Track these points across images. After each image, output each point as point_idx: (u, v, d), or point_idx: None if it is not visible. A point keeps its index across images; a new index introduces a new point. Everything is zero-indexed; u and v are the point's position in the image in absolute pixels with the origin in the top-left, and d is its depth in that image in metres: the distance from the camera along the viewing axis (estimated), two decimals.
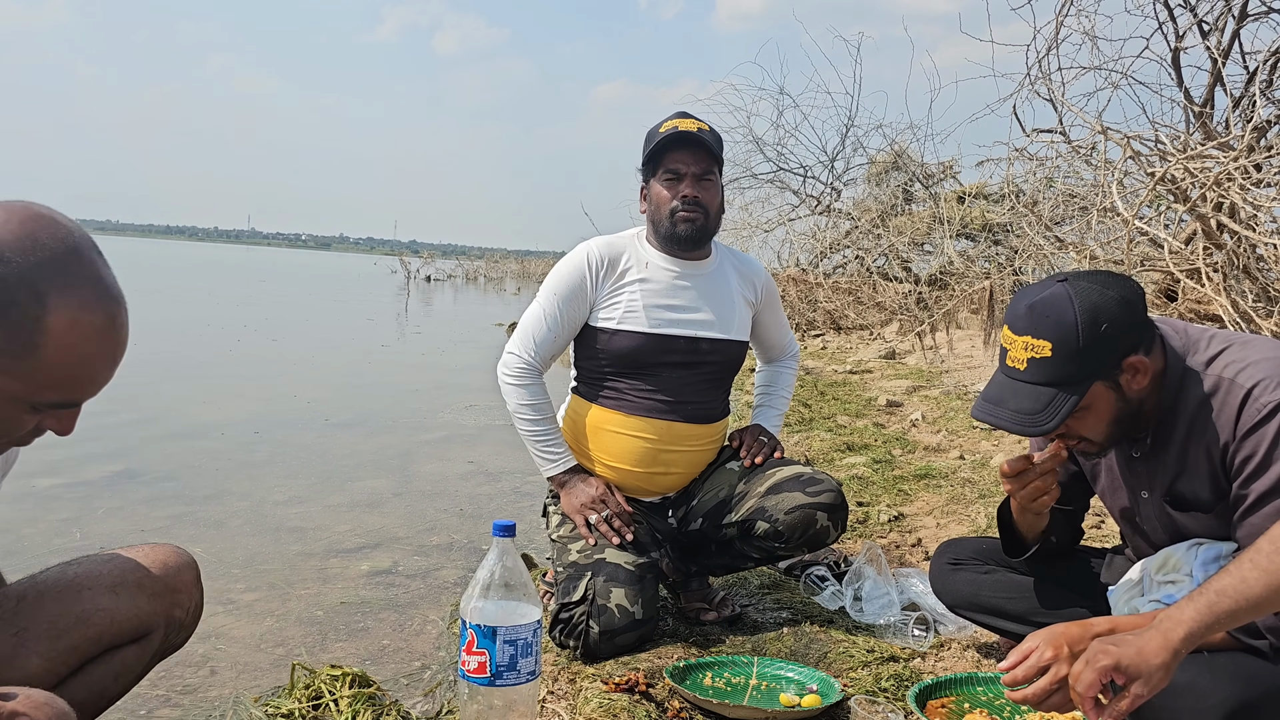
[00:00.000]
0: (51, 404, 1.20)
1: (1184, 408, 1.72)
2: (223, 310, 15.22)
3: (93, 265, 1.19)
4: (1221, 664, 1.59)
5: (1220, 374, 1.69)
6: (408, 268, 36.39)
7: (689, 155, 2.43)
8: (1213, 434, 1.69)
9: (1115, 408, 1.70)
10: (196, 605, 1.63)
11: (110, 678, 1.49)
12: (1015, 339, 1.68)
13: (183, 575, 1.59)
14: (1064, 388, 1.64)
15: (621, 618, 2.22)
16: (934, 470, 4.28)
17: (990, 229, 11.94)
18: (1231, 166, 5.12)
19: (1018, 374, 1.68)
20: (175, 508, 3.85)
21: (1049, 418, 1.64)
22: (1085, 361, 1.64)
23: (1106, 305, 1.64)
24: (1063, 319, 1.64)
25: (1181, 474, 1.76)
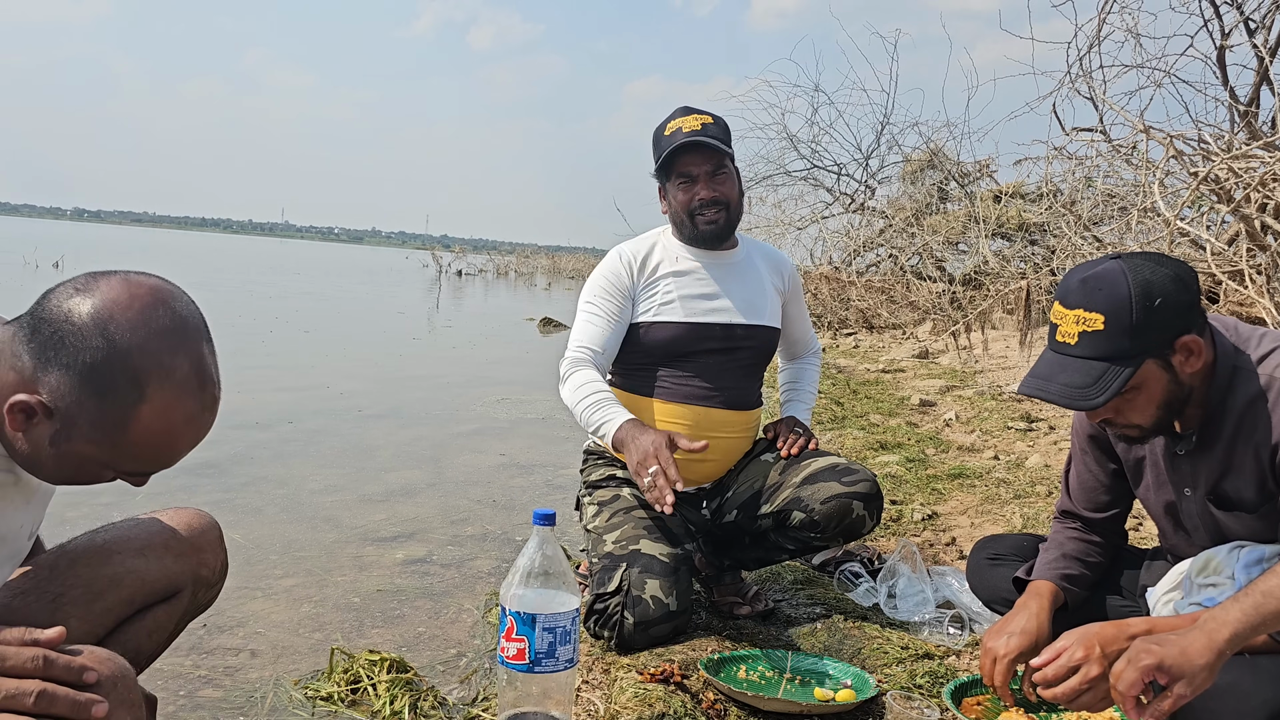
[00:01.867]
0: (129, 471, 1.28)
1: (1233, 405, 1.70)
2: (256, 302, 15.38)
3: (197, 354, 1.25)
4: (1265, 666, 1.58)
5: (1272, 373, 1.67)
6: (439, 262, 36.58)
7: (699, 157, 2.46)
8: (1262, 434, 1.67)
9: (1166, 390, 1.67)
10: (222, 564, 1.70)
11: (144, 635, 1.56)
12: (1067, 313, 1.66)
13: (207, 535, 1.66)
14: (1116, 362, 1.62)
15: (656, 609, 2.23)
16: (968, 470, 4.25)
17: (1026, 229, 11.83)
18: (1277, 167, 5.05)
19: (1068, 349, 1.66)
20: (213, 494, 3.91)
21: (1099, 392, 1.62)
22: (1138, 336, 1.61)
23: (1160, 281, 1.62)
24: (1116, 292, 1.62)
25: (1227, 473, 1.75)
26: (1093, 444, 2.00)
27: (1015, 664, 1.80)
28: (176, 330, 1.23)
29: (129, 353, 1.18)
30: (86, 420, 1.18)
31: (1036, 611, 1.89)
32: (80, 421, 1.19)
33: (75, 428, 1.19)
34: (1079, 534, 2.05)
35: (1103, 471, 2.00)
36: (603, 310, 2.50)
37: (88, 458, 1.22)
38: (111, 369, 1.17)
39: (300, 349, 9.52)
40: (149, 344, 1.20)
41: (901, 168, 14.27)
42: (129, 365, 1.18)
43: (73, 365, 1.17)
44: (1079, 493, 2.04)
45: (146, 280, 1.25)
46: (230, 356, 8.79)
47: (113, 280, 1.22)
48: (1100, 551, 2.04)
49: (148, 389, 1.19)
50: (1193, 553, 1.87)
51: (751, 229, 15.25)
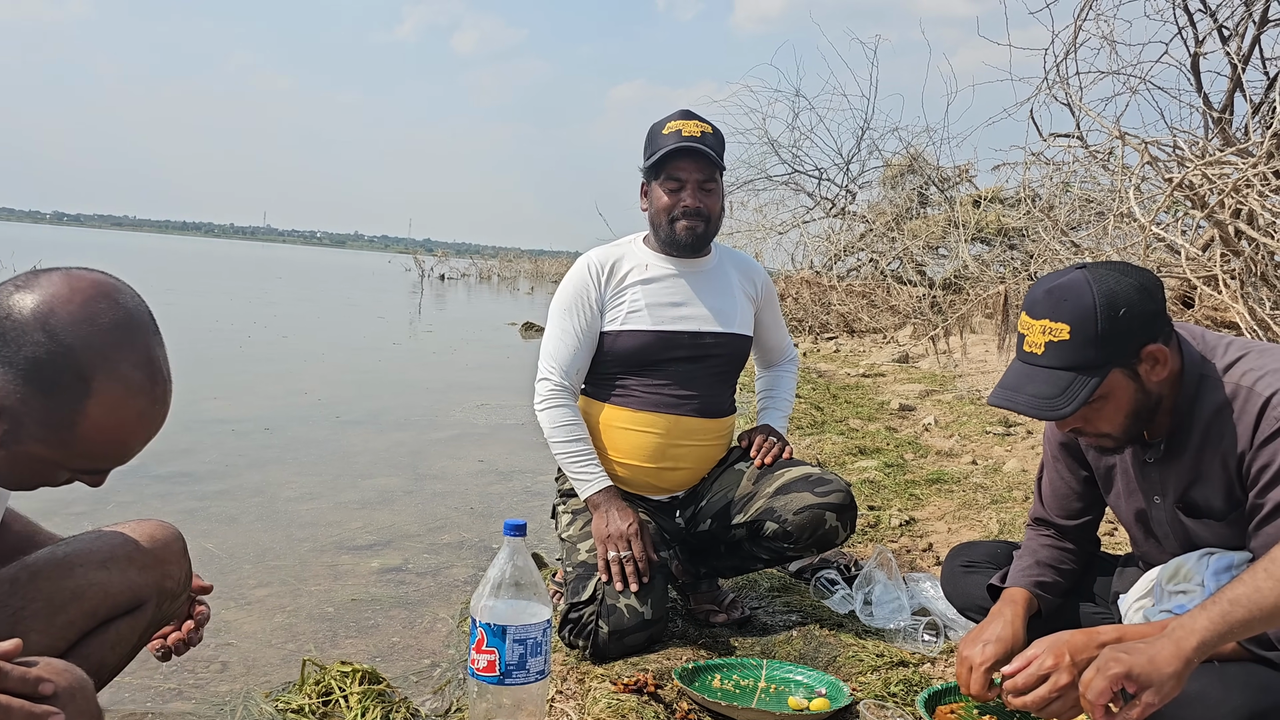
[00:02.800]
0: (83, 470, 1.27)
1: (1200, 413, 1.71)
2: (235, 306, 15.28)
3: (144, 348, 1.24)
4: (1233, 674, 1.58)
5: (1239, 381, 1.67)
6: (422, 266, 36.46)
7: (692, 164, 2.45)
8: (1229, 442, 1.68)
9: (1134, 399, 1.68)
10: (186, 575, 1.69)
11: (107, 648, 1.54)
12: (1033, 323, 1.67)
13: (171, 547, 1.64)
14: (1082, 372, 1.63)
15: (631, 618, 2.22)
16: (946, 475, 4.26)
17: (1005, 233, 11.90)
18: (1250, 173, 5.09)
19: (1035, 359, 1.66)
20: (187, 503, 3.87)
21: (1067, 402, 1.62)
22: (1104, 346, 1.62)
23: (1125, 291, 1.63)
24: (1081, 302, 1.62)
25: (1196, 481, 1.75)
26: (1064, 452, 2.00)
27: (991, 672, 1.80)
28: (121, 324, 1.21)
29: (72, 347, 1.17)
30: (34, 419, 1.17)
31: (1011, 619, 1.90)
32: (28, 421, 1.17)
33: (23, 427, 1.17)
34: (1052, 541, 2.05)
35: (1075, 479, 2.01)
36: (572, 328, 2.50)
37: (39, 458, 1.21)
38: (55, 365, 1.16)
39: (278, 354, 9.46)
40: (93, 338, 1.18)
41: (882, 172, 14.34)
42: (73, 360, 1.17)
43: (15, 362, 1.15)
44: (1051, 500, 2.05)
45: (89, 275, 1.24)
46: (208, 362, 8.69)
47: (54, 276, 1.21)
48: (1073, 558, 2.05)
49: (94, 383, 1.18)
50: (1164, 559, 1.87)
51: (733, 233, 15.28)
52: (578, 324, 2.50)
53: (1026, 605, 1.94)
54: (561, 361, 2.49)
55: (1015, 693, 1.63)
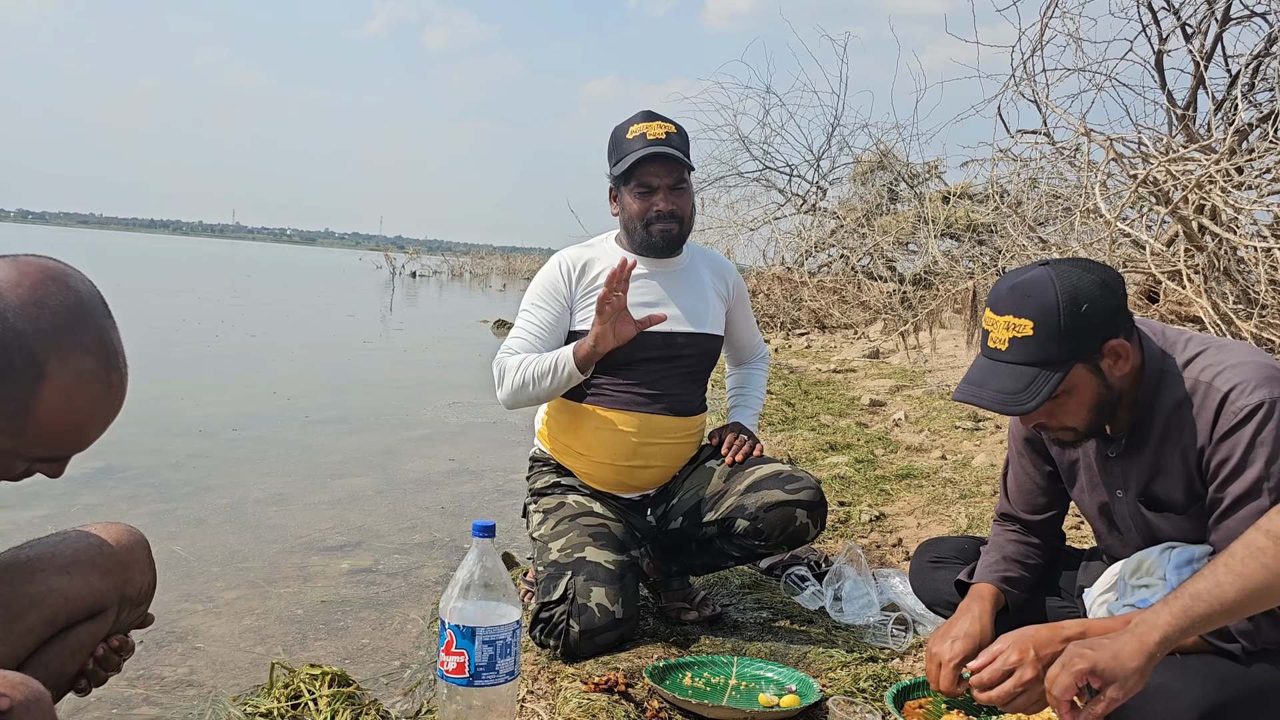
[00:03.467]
0: (40, 458, 1.24)
1: (1161, 408, 1.73)
2: (202, 305, 15.12)
3: (97, 330, 1.21)
4: (1194, 667, 1.60)
5: (1198, 376, 1.70)
6: (393, 263, 36.23)
7: (661, 168, 2.44)
8: (1189, 436, 1.70)
9: (1096, 393, 1.70)
10: (150, 582, 1.65)
11: (67, 655, 1.50)
12: (997, 319, 1.68)
13: (135, 553, 1.61)
14: (1046, 367, 1.64)
15: (602, 617, 2.22)
16: (916, 470, 4.29)
17: (974, 229, 11.99)
18: (1213, 169, 5.16)
19: (1000, 354, 1.68)
20: (155, 505, 3.83)
21: (1031, 397, 1.64)
22: (1067, 341, 1.64)
23: (1087, 287, 1.65)
24: (1044, 298, 1.64)
25: (1157, 475, 1.78)
26: (1029, 447, 2.02)
27: (960, 668, 1.82)
28: (72, 307, 1.19)
29: (23, 332, 1.14)
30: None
31: (979, 615, 1.91)
32: None
33: None
34: (1018, 536, 2.07)
35: (1039, 474, 2.03)
36: (537, 318, 2.49)
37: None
38: (6, 350, 1.13)
39: (247, 354, 9.37)
40: (42, 321, 1.16)
41: (852, 169, 14.40)
42: (24, 344, 1.14)
43: None
44: (1017, 495, 2.07)
45: (37, 260, 1.21)
46: (175, 363, 8.58)
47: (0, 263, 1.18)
48: (1039, 553, 2.07)
49: (46, 367, 1.15)
50: (1127, 553, 1.90)
51: (705, 230, 15.30)
52: (545, 316, 2.49)
53: (994, 601, 1.96)
54: (523, 348, 2.47)
55: (981, 688, 1.65)
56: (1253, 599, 1.41)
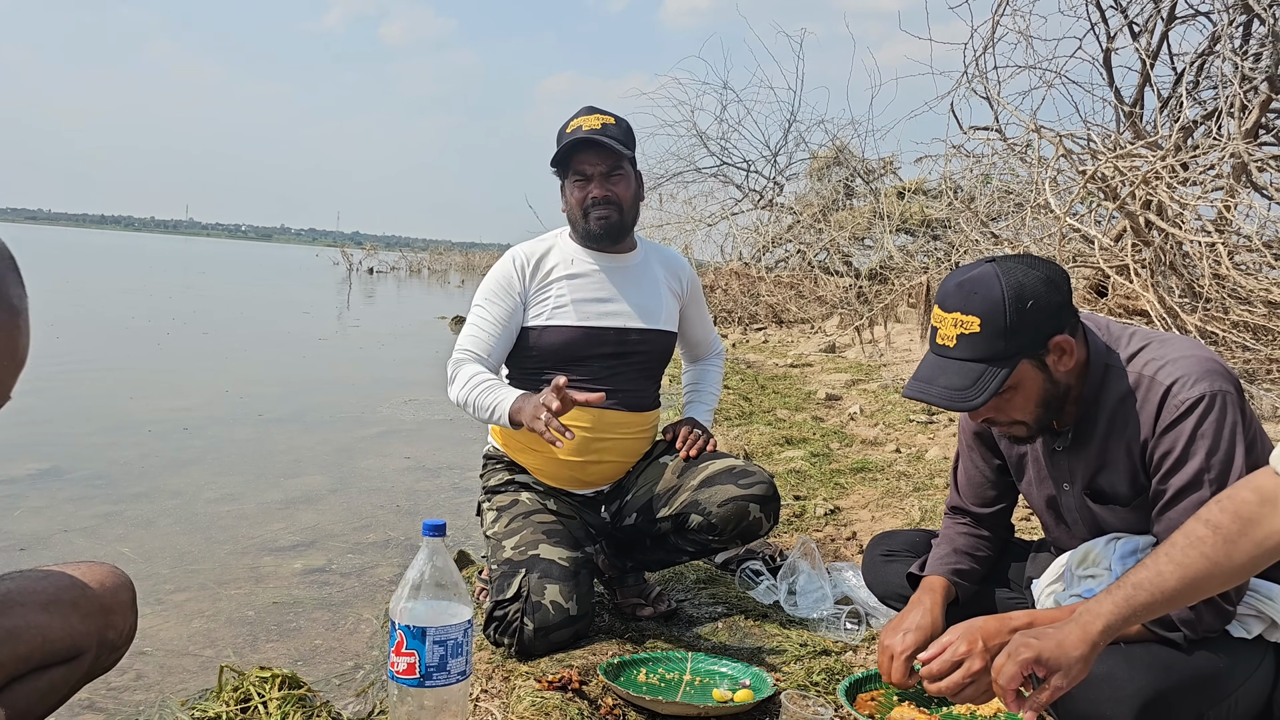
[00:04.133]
0: None
1: (1105, 402, 1.76)
2: (154, 303, 14.87)
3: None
4: (1137, 655, 1.63)
5: (1141, 371, 1.73)
6: (350, 259, 35.85)
7: (594, 155, 2.46)
8: (1133, 429, 1.73)
9: (1043, 389, 1.72)
10: (130, 627, 1.59)
11: (35, 698, 1.44)
12: (945, 316, 1.70)
13: (119, 596, 1.55)
14: (993, 364, 1.66)
15: (556, 614, 2.21)
16: (870, 464, 4.33)
17: (929, 224, 12.12)
18: (1159, 165, 5.25)
19: (948, 351, 1.70)
20: (103, 506, 3.76)
21: (978, 393, 1.66)
22: (1013, 338, 1.66)
23: (1032, 284, 1.67)
24: (990, 295, 1.66)
25: (1102, 468, 1.81)
26: (978, 441, 2.05)
27: (912, 659, 1.84)
28: None
29: None
30: None
31: (930, 607, 1.94)
32: None
33: None
34: (968, 529, 2.10)
35: (988, 468, 2.05)
36: (490, 315, 2.49)
37: None
38: None
39: (198, 352, 9.22)
40: None
41: (808, 164, 14.50)
42: None
43: None
44: (967, 489, 2.09)
45: None
46: (124, 361, 8.44)
47: None
48: (988, 545, 2.10)
49: None
50: (1074, 545, 1.93)
51: (663, 225, 15.32)
52: (498, 313, 2.49)
53: (945, 593, 1.99)
54: (477, 347, 2.46)
55: (931, 679, 1.66)
56: (1192, 588, 1.44)
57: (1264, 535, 1.38)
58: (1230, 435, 1.64)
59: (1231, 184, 5.51)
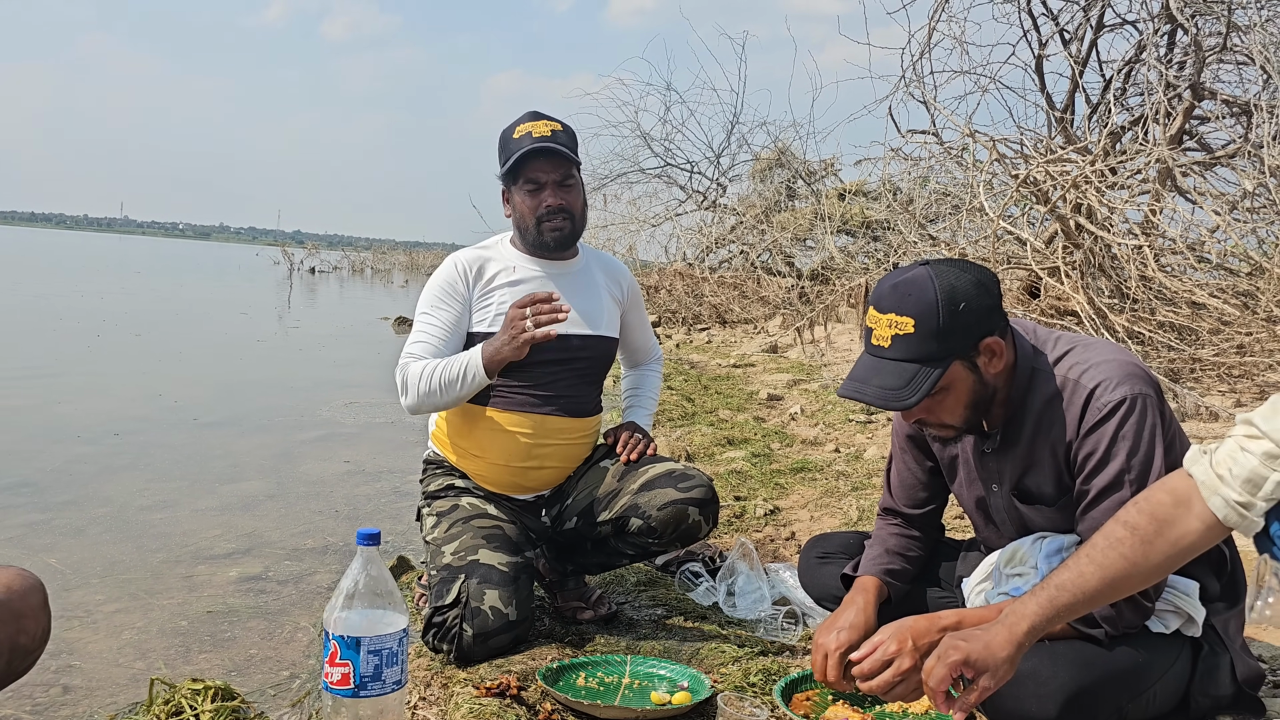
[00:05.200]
0: None
1: (1032, 405, 1.81)
2: (84, 303, 14.50)
3: None
4: (1061, 652, 1.68)
5: (1066, 374, 1.78)
6: (291, 259, 35.26)
7: (548, 163, 2.44)
8: (1058, 431, 1.78)
9: (973, 390, 1.76)
10: (44, 630, 1.56)
11: None
12: (880, 317, 1.73)
13: (29, 599, 1.52)
14: (926, 364, 1.70)
15: (495, 619, 2.21)
16: (810, 464, 4.38)
17: (869, 225, 12.28)
18: (1089, 170, 5.39)
19: (882, 351, 1.72)
20: (29, 515, 3.66)
21: (911, 393, 1.69)
22: (945, 339, 1.69)
23: (964, 287, 1.71)
24: (924, 297, 1.69)
25: (1029, 469, 1.85)
26: (911, 444, 2.09)
27: (845, 657, 1.87)
28: None
29: None
30: None
31: (863, 606, 1.97)
32: None
33: None
34: (900, 530, 2.14)
35: (921, 470, 2.09)
36: (438, 319, 2.47)
37: None
38: None
39: (130, 354, 9.02)
40: None
41: (751, 166, 14.61)
42: None
43: None
44: (899, 490, 2.13)
45: None
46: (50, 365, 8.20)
47: None
48: (919, 545, 2.14)
49: None
50: (1002, 544, 1.98)
51: (607, 226, 15.34)
52: (446, 317, 2.47)
53: (877, 592, 2.02)
54: (426, 352, 2.45)
55: (862, 677, 1.70)
56: (1112, 587, 1.49)
57: (1178, 535, 1.43)
58: (1150, 437, 1.69)
59: (1157, 188, 5.68)
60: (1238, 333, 5.29)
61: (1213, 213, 5.71)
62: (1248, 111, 6.04)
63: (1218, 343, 5.32)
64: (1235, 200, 5.94)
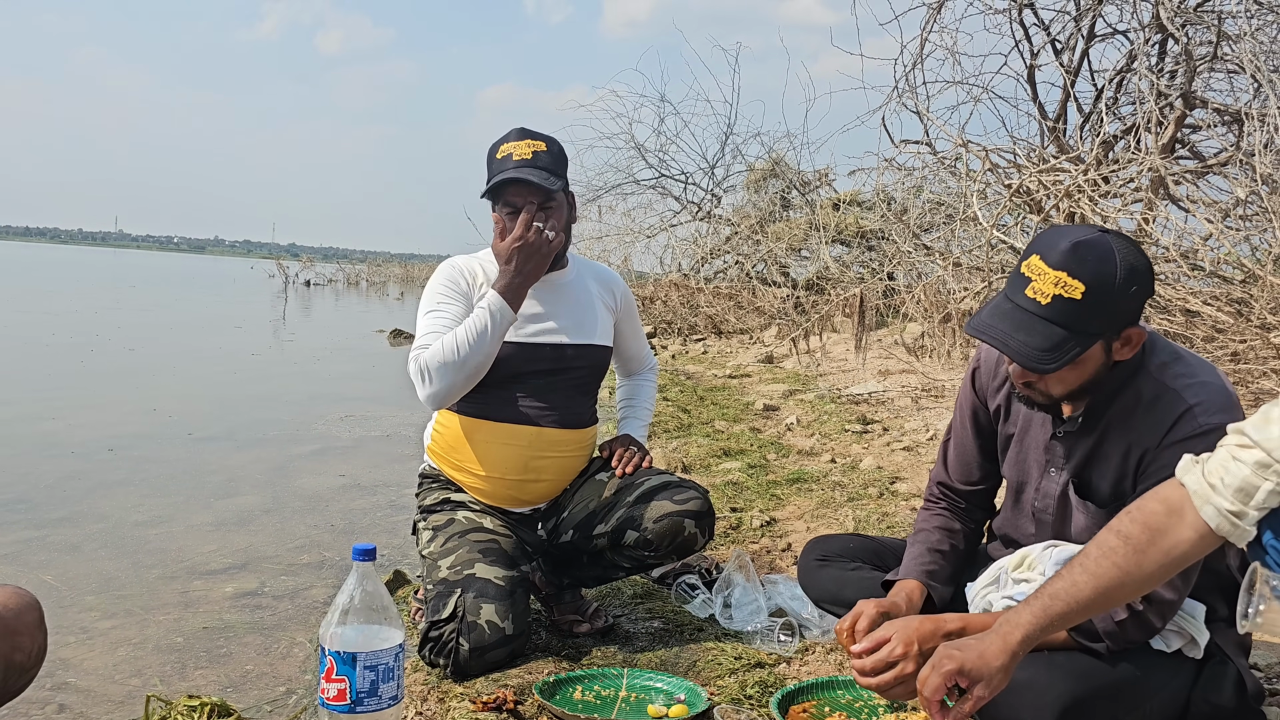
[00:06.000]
0: None
1: (1122, 400, 1.75)
2: (78, 318, 14.48)
3: None
4: (1059, 662, 1.68)
5: (1168, 382, 1.71)
6: (286, 272, 35.21)
7: (525, 189, 2.42)
8: (1138, 435, 1.72)
9: (1096, 371, 1.70)
10: (40, 647, 1.56)
11: None
12: (1048, 271, 1.62)
13: (24, 617, 1.51)
14: (1077, 334, 1.62)
15: (491, 634, 2.21)
16: (806, 474, 4.38)
17: (864, 235, 12.32)
18: (1081, 179, 5.41)
19: (1035, 306, 1.63)
20: (24, 531, 3.65)
21: (1054, 359, 1.61)
22: (1108, 315, 1.62)
23: (1141, 269, 1.63)
24: (1104, 267, 1.60)
25: (1094, 462, 1.80)
26: (974, 419, 2.02)
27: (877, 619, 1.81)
28: None
29: None
30: None
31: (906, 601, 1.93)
32: None
33: None
34: (944, 518, 2.07)
35: (977, 448, 2.03)
36: (447, 311, 2.45)
37: None
38: None
39: (124, 369, 9.00)
40: None
41: (745, 176, 14.66)
42: None
43: None
44: (955, 464, 2.08)
45: None
46: (43, 380, 8.19)
47: None
48: (961, 537, 2.07)
49: None
50: (1026, 540, 1.94)
51: (602, 237, 15.36)
52: (454, 309, 2.45)
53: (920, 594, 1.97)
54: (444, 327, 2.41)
55: (863, 673, 1.69)
56: (1105, 597, 1.49)
57: (1171, 544, 1.43)
58: None
59: (1150, 197, 5.70)
60: (1232, 340, 5.31)
61: (1205, 220, 5.74)
62: (1239, 120, 6.07)
63: (1212, 350, 5.34)
64: (1228, 208, 5.96)
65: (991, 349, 1.93)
